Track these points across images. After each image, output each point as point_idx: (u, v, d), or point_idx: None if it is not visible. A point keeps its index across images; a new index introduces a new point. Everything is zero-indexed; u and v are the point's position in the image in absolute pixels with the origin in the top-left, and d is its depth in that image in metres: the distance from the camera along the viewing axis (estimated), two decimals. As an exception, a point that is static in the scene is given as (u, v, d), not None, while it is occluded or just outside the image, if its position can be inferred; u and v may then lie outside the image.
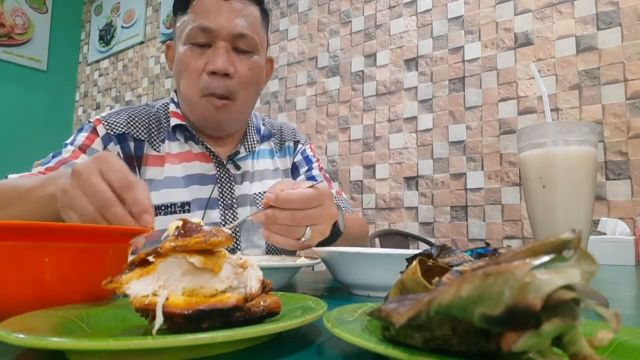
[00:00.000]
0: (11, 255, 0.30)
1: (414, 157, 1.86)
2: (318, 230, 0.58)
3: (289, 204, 0.54)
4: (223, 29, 0.77)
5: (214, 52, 0.78)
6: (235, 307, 0.25)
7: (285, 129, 1.00)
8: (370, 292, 0.50)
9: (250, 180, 0.89)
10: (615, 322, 0.15)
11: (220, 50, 0.77)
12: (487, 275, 0.16)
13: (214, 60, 0.77)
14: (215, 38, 0.78)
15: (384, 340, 0.22)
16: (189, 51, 0.79)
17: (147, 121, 0.85)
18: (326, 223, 0.59)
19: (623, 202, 1.39)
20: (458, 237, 1.71)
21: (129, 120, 0.83)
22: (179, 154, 0.85)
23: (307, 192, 0.55)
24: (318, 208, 0.56)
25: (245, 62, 0.80)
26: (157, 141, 0.85)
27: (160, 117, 0.87)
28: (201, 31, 0.77)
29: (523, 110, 1.61)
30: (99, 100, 3.41)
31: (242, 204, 0.86)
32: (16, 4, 3.31)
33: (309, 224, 0.56)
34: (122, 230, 0.37)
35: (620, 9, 1.46)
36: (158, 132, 0.86)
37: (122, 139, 0.81)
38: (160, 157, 0.84)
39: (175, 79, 0.86)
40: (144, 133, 0.84)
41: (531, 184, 0.49)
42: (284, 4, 2.39)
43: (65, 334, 0.25)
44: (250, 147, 0.91)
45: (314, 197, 0.55)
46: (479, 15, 1.75)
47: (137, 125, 0.84)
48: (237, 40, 0.78)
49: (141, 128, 0.84)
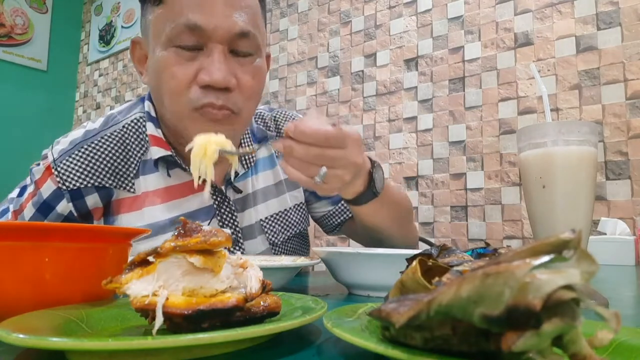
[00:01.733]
0: (11, 255, 0.30)
1: (414, 157, 1.86)
2: (336, 174, 0.52)
3: (304, 137, 0.49)
4: (219, 27, 0.59)
5: (207, 58, 0.60)
6: (235, 307, 0.25)
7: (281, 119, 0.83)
8: (370, 292, 0.50)
9: (252, 204, 0.75)
10: (615, 322, 0.15)
11: (216, 56, 0.60)
12: (487, 275, 0.16)
13: (209, 70, 0.59)
14: (209, 39, 0.60)
15: (384, 340, 0.22)
16: (173, 57, 0.60)
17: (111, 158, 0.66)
18: (347, 169, 0.53)
19: (623, 202, 1.39)
20: (458, 237, 1.71)
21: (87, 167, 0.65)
22: (158, 190, 0.68)
23: (325, 129, 0.49)
24: (338, 150, 0.51)
25: (248, 69, 0.63)
26: (129, 179, 0.67)
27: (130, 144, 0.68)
28: (189, 30, 0.59)
29: (523, 110, 1.61)
30: (99, 100, 3.41)
31: (249, 236, 0.74)
32: (16, 4, 3.31)
33: (325, 164, 0.51)
34: (122, 230, 0.37)
35: (620, 9, 1.46)
36: (127, 167, 0.67)
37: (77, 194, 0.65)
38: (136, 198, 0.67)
39: (152, 90, 0.67)
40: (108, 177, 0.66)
41: (531, 184, 0.49)
42: (284, 4, 2.39)
43: (65, 334, 0.25)
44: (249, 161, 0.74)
45: (332, 136, 0.50)
46: (479, 15, 1.75)
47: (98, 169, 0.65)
48: (236, 41, 0.61)
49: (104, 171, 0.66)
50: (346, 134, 0.52)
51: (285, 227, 0.80)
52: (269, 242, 0.77)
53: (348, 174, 0.54)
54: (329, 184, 0.53)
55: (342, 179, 0.53)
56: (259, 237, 0.76)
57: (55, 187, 0.65)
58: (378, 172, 0.61)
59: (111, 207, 0.67)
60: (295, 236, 0.83)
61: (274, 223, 0.78)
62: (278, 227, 0.79)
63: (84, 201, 0.66)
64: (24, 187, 0.69)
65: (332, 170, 0.52)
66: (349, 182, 0.55)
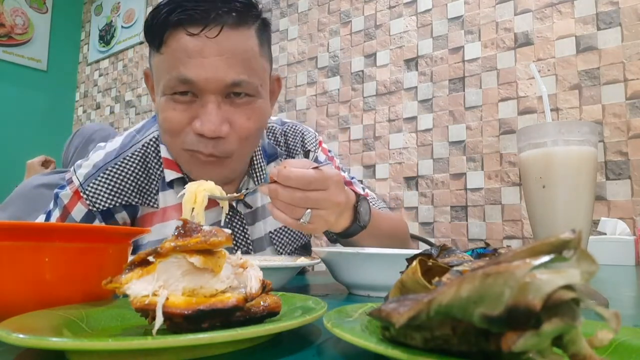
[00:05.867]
0: (11, 255, 0.30)
1: (414, 157, 1.86)
2: (320, 215, 0.54)
3: (288, 182, 0.52)
4: (211, 80, 0.60)
5: (201, 107, 0.61)
6: (235, 307, 0.25)
7: (291, 136, 0.84)
8: (370, 292, 0.50)
9: (262, 217, 0.78)
10: (615, 322, 0.15)
11: (209, 107, 0.61)
12: (487, 276, 0.16)
13: (202, 120, 0.61)
14: (202, 91, 0.61)
15: (384, 340, 0.22)
16: (169, 102, 0.62)
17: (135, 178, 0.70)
18: (330, 209, 0.55)
19: (623, 202, 1.39)
20: (458, 237, 1.71)
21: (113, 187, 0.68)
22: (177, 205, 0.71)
23: (308, 173, 0.52)
24: (321, 192, 0.53)
25: (243, 111, 0.64)
26: (152, 195, 0.71)
27: (150, 164, 0.72)
28: (183, 83, 0.60)
29: (523, 110, 1.61)
30: (99, 100, 3.41)
31: (259, 248, 0.77)
32: (16, 4, 3.31)
33: (309, 206, 0.53)
34: (122, 230, 0.37)
35: (620, 9, 1.46)
36: (149, 184, 0.71)
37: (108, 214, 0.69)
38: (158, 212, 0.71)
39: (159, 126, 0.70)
40: (134, 196, 0.70)
41: (531, 184, 0.49)
42: (284, 4, 2.39)
43: (65, 334, 0.25)
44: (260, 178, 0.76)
45: (315, 180, 0.52)
46: (479, 15, 1.75)
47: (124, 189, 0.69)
48: (230, 89, 0.62)
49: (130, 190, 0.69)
50: (327, 177, 0.54)
51: (293, 239, 0.83)
52: (278, 254, 0.80)
53: (332, 214, 0.56)
54: (314, 224, 0.55)
55: (326, 219, 0.56)
56: (268, 249, 0.79)
57: (86, 210, 0.68)
58: (363, 205, 0.63)
59: (137, 223, 0.72)
60: (301, 247, 0.85)
61: (281, 235, 0.81)
62: (285, 239, 0.81)
63: (115, 219, 0.70)
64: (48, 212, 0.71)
65: (316, 211, 0.54)
66: (333, 222, 0.57)
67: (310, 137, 0.86)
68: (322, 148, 0.88)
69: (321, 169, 0.54)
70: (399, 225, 0.83)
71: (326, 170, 0.54)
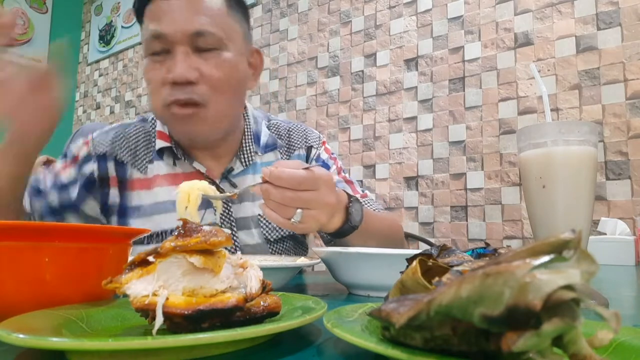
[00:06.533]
0: (11, 255, 0.30)
1: (414, 157, 1.86)
2: (311, 215, 0.56)
3: (279, 181, 0.53)
4: (177, 31, 0.68)
5: (172, 59, 0.69)
6: (235, 307, 0.25)
7: (295, 133, 0.90)
8: (370, 292, 0.50)
9: (251, 199, 0.81)
10: (615, 322, 0.15)
11: (179, 56, 0.68)
12: (487, 276, 0.16)
13: (172, 68, 0.68)
14: (172, 44, 0.69)
15: (384, 340, 0.22)
16: (150, 63, 0.71)
17: (134, 141, 0.81)
18: (321, 210, 0.57)
19: (623, 202, 1.39)
20: (458, 237, 1.71)
21: (115, 140, 0.80)
22: (167, 175, 0.79)
23: (298, 173, 0.54)
24: (312, 192, 0.55)
25: (211, 62, 0.70)
26: (144, 162, 0.79)
27: (151, 136, 0.82)
28: (155, 39, 0.69)
29: (523, 110, 1.61)
30: (99, 100, 3.41)
31: (244, 227, 0.80)
32: (16, 4, 3.31)
33: (300, 206, 0.55)
34: (122, 230, 0.37)
35: (620, 9, 1.46)
36: (146, 153, 0.80)
37: (102, 158, 0.79)
38: (147, 180, 0.79)
39: None
40: (127, 155, 0.79)
41: (531, 184, 0.49)
42: (284, 4, 2.39)
43: (65, 334, 0.25)
44: (247, 161, 0.82)
45: (305, 180, 0.54)
46: (479, 15, 1.75)
47: (122, 145, 0.80)
48: (195, 39, 0.69)
49: (126, 149, 0.80)
50: (318, 177, 0.55)
51: None
52: (265, 237, 0.81)
53: (322, 214, 0.57)
54: (306, 224, 0.56)
55: (317, 219, 0.57)
56: (255, 230, 0.81)
57: (87, 152, 0.79)
58: (355, 206, 0.65)
59: (127, 184, 0.79)
60: (290, 237, 0.85)
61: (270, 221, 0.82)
62: (273, 224, 0.82)
63: (106, 166, 0.79)
64: None
65: (307, 211, 0.55)
66: (324, 222, 0.58)
67: (314, 136, 0.91)
68: (325, 148, 0.91)
69: (312, 169, 0.55)
70: (393, 226, 0.84)
71: (317, 170, 0.56)
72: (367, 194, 0.88)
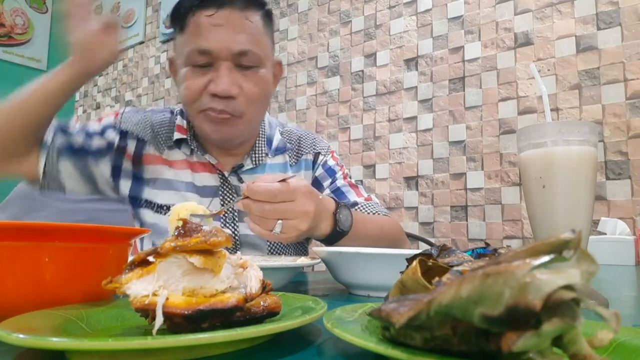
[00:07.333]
0: (11, 255, 0.30)
1: (414, 157, 1.86)
2: (291, 224, 0.58)
3: (257, 195, 0.56)
4: (222, 49, 0.73)
5: (215, 72, 0.74)
6: (235, 307, 0.25)
7: (305, 140, 0.95)
8: (370, 292, 0.50)
9: None
10: (615, 322, 0.15)
11: (222, 70, 0.74)
12: (487, 276, 0.16)
13: (216, 82, 0.74)
14: (216, 59, 0.74)
15: (384, 340, 0.22)
16: (191, 72, 0.76)
17: (158, 128, 0.87)
18: (300, 219, 0.59)
19: (623, 202, 1.39)
20: (458, 237, 1.71)
21: (140, 123, 0.87)
22: (183, 161, 0.85)
23: (273, 186, 0.56)
24: (289, 203, 0.57)
25: (251, 78, 0.76)
26: (162, 146, 0.86)
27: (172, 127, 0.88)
28: (200, 53, 0.74)
29: (523, 110, 1.61)
30: (99, 100, 3.41)
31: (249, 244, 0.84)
32: (16, 4, 3.31)
33: (279, 217, 0.57)
34: (122, 231, 0.37)
35: (620, 9, 1.46)
36: (165, 140, 0.87)
37: (124, 135, 0.85)
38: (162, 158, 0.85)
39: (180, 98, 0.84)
40: (149, 135, 0.86)
41: (531, 184, 0.49)
42: (284, 4, 2.38)
43: (65, 334, 0.25)
44: (257, 160, 0.87)
45: (280, 192, 0.56)
46: (479, 15, 1.75)
47: (146, 128, 0.87)
48: (239, 58, 0.74)
49: (148, 131, 0.86)
50: (294, 188, 0.58)
51: None
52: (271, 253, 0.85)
53: (303, 223, 0.59)
54: (287, 233, 0.59)
55: (297, 228, 0.59)
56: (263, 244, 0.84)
57: (113, 124, 0.86)
58: (343, 212, 0.67)
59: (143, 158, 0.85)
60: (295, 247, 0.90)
61: None
62: None
63: (126, 143, 0.85)
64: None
65: (287, 222, 0.58)
66: (306, 230, 0.60)
67: (322, 143, 0.97)
68: (332, 156, 0.96)
69: (288, 181, 0.57)
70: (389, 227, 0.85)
71: (293, 182, 0.58)
72: (372, 198, 0.91)
